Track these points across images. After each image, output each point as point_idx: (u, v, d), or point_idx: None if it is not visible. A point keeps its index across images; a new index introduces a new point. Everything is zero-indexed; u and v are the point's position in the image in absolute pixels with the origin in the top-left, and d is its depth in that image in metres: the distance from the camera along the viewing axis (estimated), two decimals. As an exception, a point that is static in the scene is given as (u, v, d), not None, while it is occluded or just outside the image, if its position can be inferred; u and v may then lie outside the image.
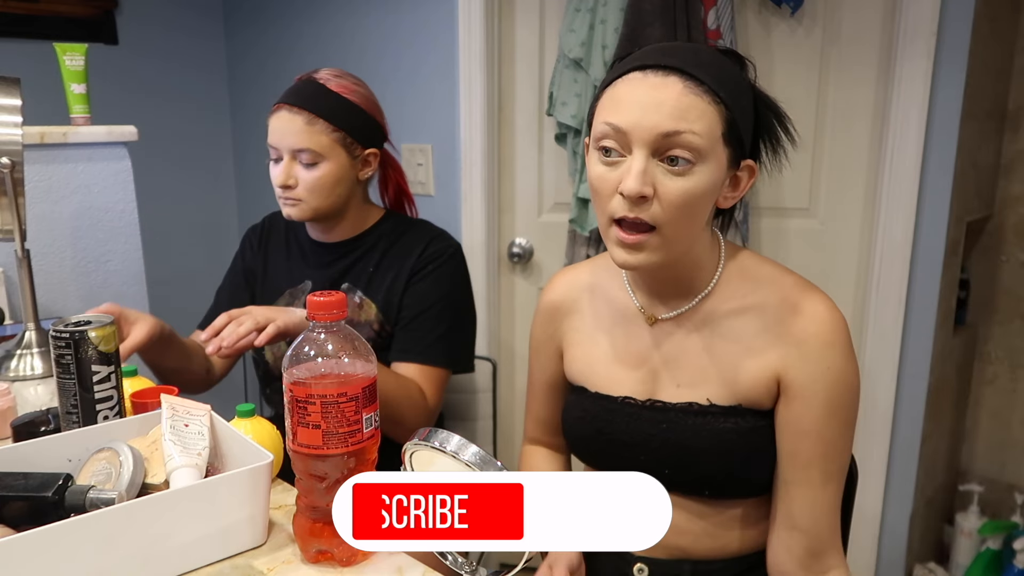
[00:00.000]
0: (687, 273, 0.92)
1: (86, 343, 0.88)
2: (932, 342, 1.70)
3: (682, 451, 0.91)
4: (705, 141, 0.81)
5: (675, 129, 0.80)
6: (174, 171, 2.60)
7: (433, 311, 1.36)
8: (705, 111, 0.81)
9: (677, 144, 0.81)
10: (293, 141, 1.31)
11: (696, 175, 0.82)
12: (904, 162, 1.64)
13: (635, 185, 0.80)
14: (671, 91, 0.81)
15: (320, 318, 0.75)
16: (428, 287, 1.37)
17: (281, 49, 2.49)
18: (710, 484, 0.92)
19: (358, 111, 1.34)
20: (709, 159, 0.82)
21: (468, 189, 2.02)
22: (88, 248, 1.60)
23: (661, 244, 0.84)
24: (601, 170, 0.85)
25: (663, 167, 0.82)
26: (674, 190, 0.81)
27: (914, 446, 1.75)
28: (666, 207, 0.82)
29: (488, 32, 1.93)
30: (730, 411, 0.90)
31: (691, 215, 0.84)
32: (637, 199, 0.81)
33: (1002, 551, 1.90)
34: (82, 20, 2.39)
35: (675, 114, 0.80)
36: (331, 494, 0.76)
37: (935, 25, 1.56)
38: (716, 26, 1.64)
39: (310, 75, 1.36)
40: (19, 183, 1.29)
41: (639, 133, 0.81)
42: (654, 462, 0.90)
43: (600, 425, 0.96)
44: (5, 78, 1.30)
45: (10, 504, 0.75)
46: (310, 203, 1.34)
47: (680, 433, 0.91)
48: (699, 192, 0.82)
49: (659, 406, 0.93)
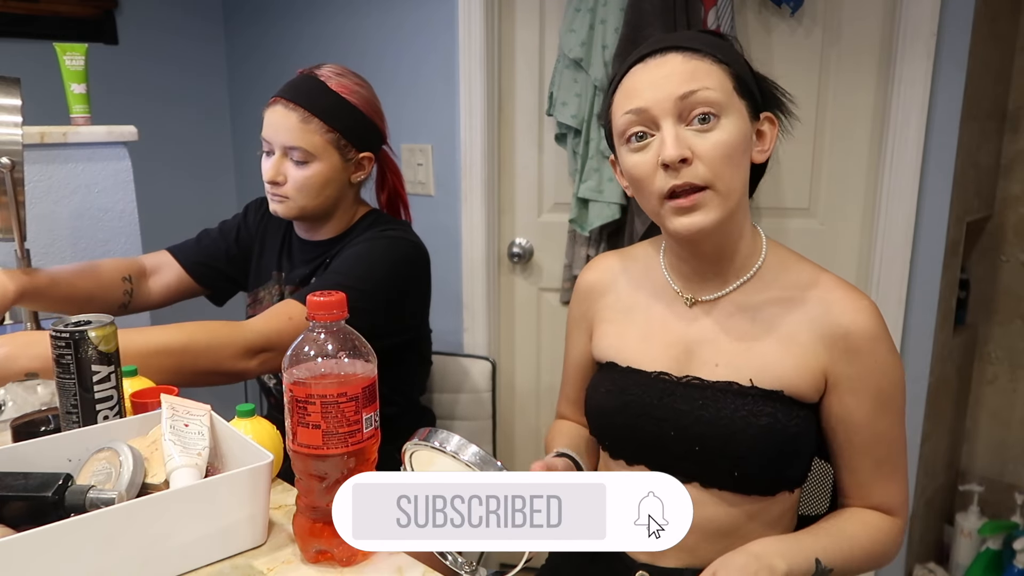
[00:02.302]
0: (730, 250, 0.93)
1: (86, 343, 0.88)
2: (932, 342, 1.69)
3: (716, 430, 0.90)
4: (720, 94, 0.86)
5: (690, 89, 0.85)
6: (174, 171, 2.61)
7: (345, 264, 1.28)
8: (711, 70, 0.86)
9: (697, 102, 0.85)
10: (286, 137, 1.28)
11: (724, 127, 0.85)
12: (904, 162, 1.64)
13: (673, 150, 0.84)
14: (674, 63, 0.87)
15: (320, 318, 0.75)
16: (356, 252, 1.30)
17: (281, 49, 2.49)
18: (737, 468, 0.90)
19: (356, 113, 1.32)
20: (730, 111, 0.86)
21: (468, 189, 2.02)
22: (88, 248, 1.60)
23: (716, 199, 0.86)
24: (636, 158, 0.88)
25: (692, 129, 0.85)
26: (709, 146, 0.85)
27: (914, 446, 1.75)
28: (709, 163, 0.85)
29: (488, 32, 1.93)
30: (771, 395, 0.90)
31: (732, 165, 0.86)
32: (679, 163, 0.84)
33: (1002, 551, 1.90)
34: (82, 20, 2.39)
35: (685, 77, 0.85)
36: (331, 494, 0.76)
37: (935, 26, 1.56)
38: (716, 26, 1.64)
39: (312, 70, 1.33)
40: (19, 183, 1.29)
41: (659, 106, 0.85)
42: (684, 440, 0.91)
43: (628, 399, 0.96)
44: (5, 78, 1.30)
45: (10, 504, 0.75)
46: (297, 201, 1.32)
47: (717, 411, 0.90)
48: (732, 142, 0.86)
49: (696, 383, 0.93)
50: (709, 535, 0.92)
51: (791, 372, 0.90)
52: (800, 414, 0.90)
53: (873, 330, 0.89)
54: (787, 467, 0.92)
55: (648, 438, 0.94)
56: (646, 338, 0.98)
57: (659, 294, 0.99)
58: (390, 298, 1.30)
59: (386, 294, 1.29)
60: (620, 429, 0.98)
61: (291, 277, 1.42)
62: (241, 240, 1.52)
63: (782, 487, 0.93)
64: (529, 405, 2.16)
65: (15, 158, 1.27)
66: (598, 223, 1.79)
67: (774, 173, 1.82)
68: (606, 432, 1.00)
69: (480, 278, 2.05)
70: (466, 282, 2.08)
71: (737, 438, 0.89)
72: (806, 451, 0.93)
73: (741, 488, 0.91)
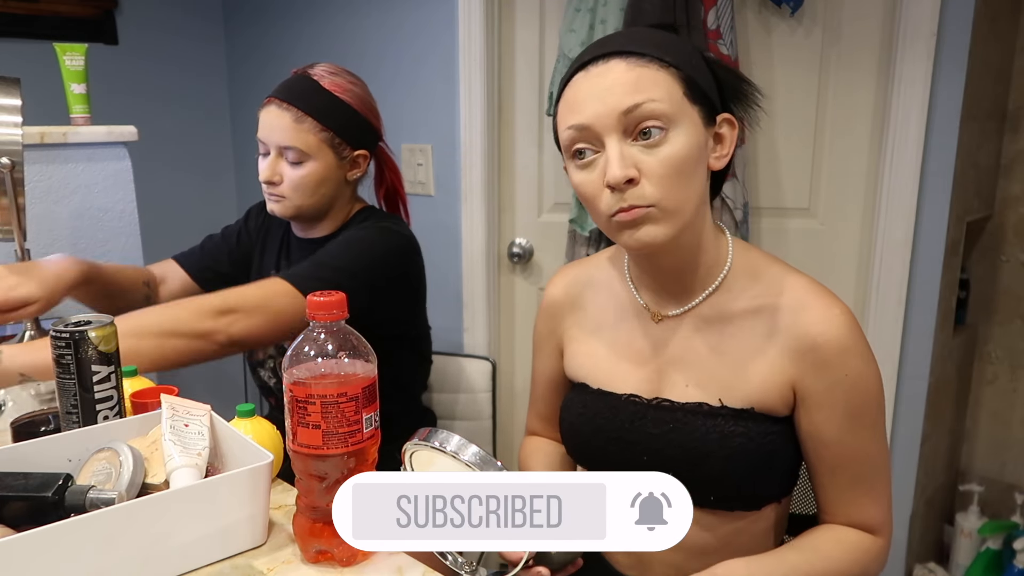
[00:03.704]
0: (692, 262, 0.89)
1: (86, 343, 0.88)
2: (932, 342, 1.69)
3: (688, 453, 0.87)
4: (668, 105, 0.80)
5: (634, 102, 0.79)
6: (174, 171, 2.61)
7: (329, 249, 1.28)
8: (656, 77, 0.80)
9: (642, 116, 0.79)
10: (280, 138, 1.29)
11: (672, 141, 0.80)
12: (904, 162, 1.64)
13: (618, 170, 0.79)
14: (616, 72, 0.80)
15: (320, 318, 0.75)
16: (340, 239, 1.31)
17: (281, 49, 2.49)
18: (715, 490, 0.88)
19: (350, 111, 1.32)
20: (680, 121, 0.80)
21: (468, 189, 2.02)
22: (88, 248, 1.60)
23: (663, 216, 0.81)
24: (581, 176, 0.84)
25: (638, 146, 0.80)
26: (656, 163, 0.80)
27: (914, 446, 1.75)
28: (656, 182, 0.80)
29: (488, 32, 1.93)
30: (742, 414, 0.87)
31: (683, 181, 0.81)
32: (624, 184, 0.79)
33: (1002, 551, 1.90)
34: (82, 20, 2.39)
35: (628, 89, 0.79)
36: (331, 494, 0.76)
37: (935, 25, 1.56)
38: (716, 26, 1.64)
39: (305, 70, 1.33)
40: (19, 183, 1.29)
41: (602, 121, 0.80)
42: (657, 464, 0.87)
43: (601, 423, 0.93)
44: (5, 78, 1.30)
45: (10, 504, 0.75)
46: (293, 201, 1.32)
47: (687, 434, 0.88)
48: (681, 156, 0.80)
49: (666, 405, 0.90)
50: (696, 553, 0.91)
51: (760, 388, 0.86)
52: (774, 430, 0.87)
53: (843, 341, 0.84)
54: (764, 484, 0.89)
55: (622, 462, 0.92)
56: (616, 358, 0.95)
57: (626, 309, 0.96)
58: (375, 284, 1.28)
59: (370, 279, 1.27)
60: (594, 452, 0.96)
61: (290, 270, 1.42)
62: (243, 243, 1.53)
63: (765, 502, 0.91)
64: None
65: (15, 158, 1.27)
66: (598, 223, 1.79)
67: (774, 173, 1.82)
68: (581, 454, 0.99)
69: (480, 278, 2.05)
70: (466, 282, 2.08)
71: (709, 461, 0.86)
72: (784, 465, 0.90)
73: (722, 507, 0.89)
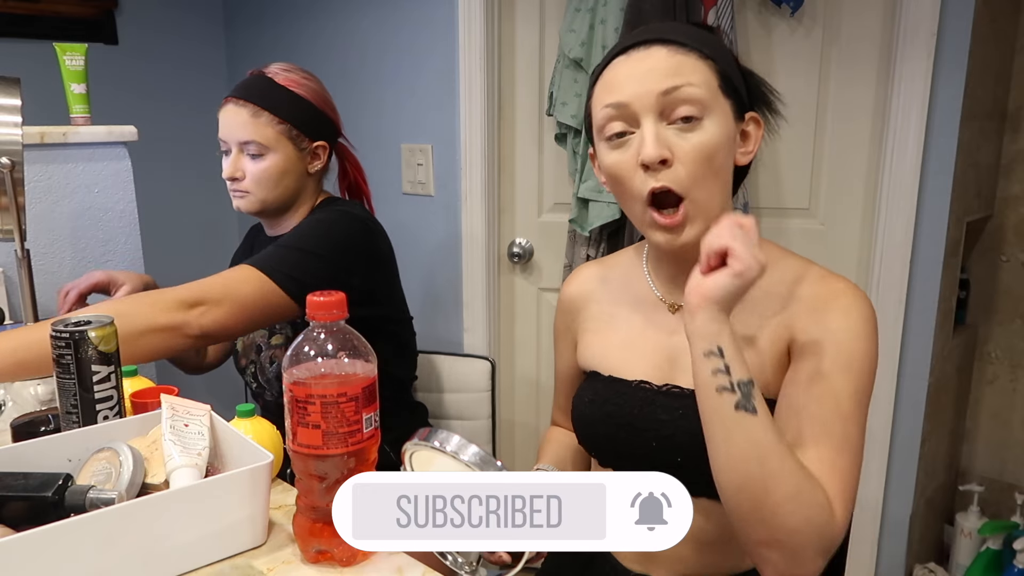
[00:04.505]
0: None
1: (86, 343, 0.88)
2: (932, 342, 1.69)
3: (696, 439, 0.86)
4: (705, 92, 0.82)
5: (673, 84, 0.81)
6: (174, 171, 2.61)
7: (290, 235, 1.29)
8: (696, 65, 0.83)
9: (680, 99, 0.81)
10: (239, 133, 1.33)
11: (706, 128, 0.82)
12: (904, 162, 1.64)
13: (653, 150, 0.80)
14: (657, 56, 0.83)
15: (320, 318, 0.75)
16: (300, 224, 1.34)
17: (281, 49, 2.49)
18: None
19: (304, 104, 1.36)
20: (714, 110, 0.83)
21: (468, 189, 2.02)
22: (88, 248, 1.60)
23: (696, 212, 0.83)
24: (615, 156, 0.85)
25: (673, 128, 0.82)
26: (690, 148, 0.81)
27: (914, 446, 1.75)
28: (688, 166, 0.82)
29: (488, 32, 1.93)
30: None
31: (714, 171, 0.83)
32: (658, 164, 0.81)
33: (1002, 551, 1.90)
34: (82, 20, 2.39)
35: (668, 72, 0.82)
36: (331, 494, 0.76)
37: (935, 25, 1.56)
38: (716, 26, 1.64)
39: (260, 69, 1.38)
40: (19, 183, 1.29)
41: (641, 101, 0.82)
42: (666, 450, 0.88)
43: (611, 409, 0.94)
44: (5, 78, 1.30)
45: (10, 504, 0.75)
46: (257, 195, 1.35)
47: (697, 421, 0.86)
48: (714, 144, 0.82)
49: (676, 391, 0.90)
50: (702, 544, 0.90)
51: (773, 376, 0.86)
52: None
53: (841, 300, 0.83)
54: None
55: (631, 448, 0.92)
56: (628, 346, 0.96)
57: (641, 302, 0.97)
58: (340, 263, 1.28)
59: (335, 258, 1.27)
60: (603, 439, 0.96)
61: None
62: None
63: None
64: (529, 405, 2.16)
65: (15, 158, 1.27)
66: (598, 223, 1.79)
67: (774, 173, 1.82)
68: (591, 442, 0.99)
69: (480, 278, 2.05)
70: (466, 282, 2.08)
71: None
72: None
73: None
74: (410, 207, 2.17)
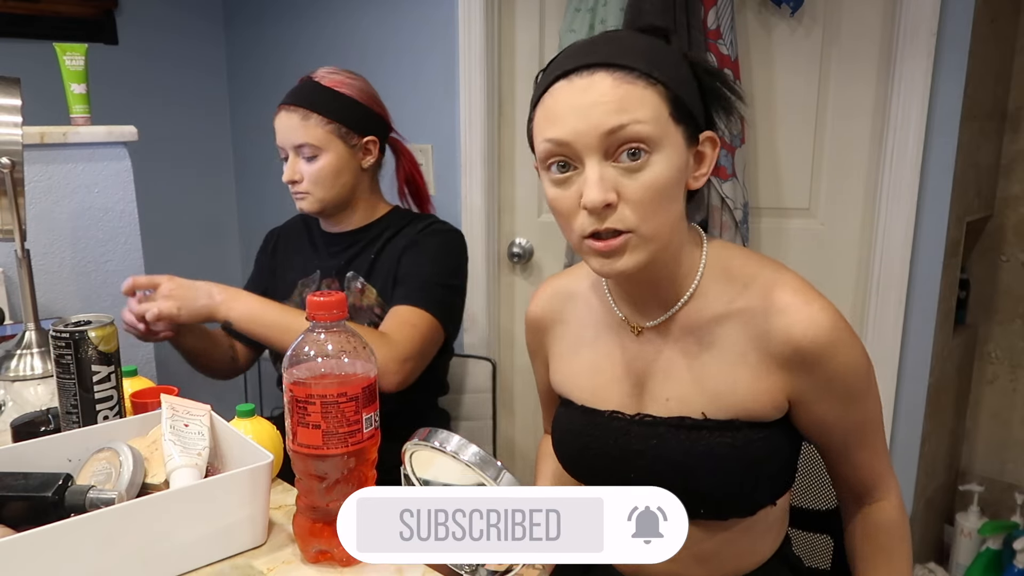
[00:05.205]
0: (667, 275, 0.86)
1: (86, 343, 0.88)
2: (932, 342, 1.69)
3: (674, 467, 0.86)
4: (653, 127, 0.76)
5: (618, 123, 0.75)
6: (174, 171, 2.61)
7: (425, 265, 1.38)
8: (644, 96, 0.76)
9: (626, 138, 0.75)
10: (292, 137, 1.38)
11: (656, 165, 0.76)
12: (904, 162, 1.64)
13: (597, 195, 0.75)
14: (601, 87, 0.76)
15: (320, 318, 0.75)
16: (422, 250, 1.40)
17: (281, 49, 2.49)
18: (704, 503, 0.86)
19: (351, 102, 1.40)
20: (664, 144, 0.77)
21: (468, 189, 2.02)
22: (88, 248, 1.60)
23: (640, 243, 0.78)
24: (557, 192, 0.80)
25: (620, 167, 0.76)
26: (638, 188, 0.76)
27: (914, 446, 1.75)
28: (635, 207, 0.76)
29: (488, 32, 1.93)
30: (726, 425, 0.84)
31: (663, 208, 0.78)
32: (602, 209, 0.76)
33: (1002, 551, 1.90)
34: (82, 20, 2.39)
35: (613, 108, 0.75)
36: (331, 494, 0.76)
37: (935, 25, 1.56)
38: (716, 26, 1.64)
39: (308, 75, 1.43)
40: (19, 183, 1.29)
41: (583, 140, 0.76)
42: (644, 480, 0.85)
43: (587, 441, 0.92)
44: (5, 78, 1.30)
45: (10, 504, 0.75)
46: (316, 194, 1.40)
47: (671, 449, 0.86)
48: (664, 181, 0.77)
49: (648, 420, 0.88)
50: (697, 559, 0.90)
51: (745, 397, 0.84)
52: (760, 436, 0.85)
53: (827, 338, 0.81)
54: (754, 491, 0.87)
55: (611, 478, 0.90)
56: (598, 372, 0.94)
57: (606, 323, 0.94)
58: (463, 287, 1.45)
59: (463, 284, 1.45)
60: (584, 470, 0.95)
61: (326, 269, 1.48)
62: (263, 268, 1.61)
63: (760, 506, 0.89)
64: (529, 405, 2.16)
65: (15, 158, 1.27)
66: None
67: (774, 173, 1.82)
68: (573, 471, 0.98)
69: (480, 278, 2.05)
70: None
71: (696, 475, 0.84)
72: (773, 469, 0.88)
73: (714, 518, 0.88)
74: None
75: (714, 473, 0.84)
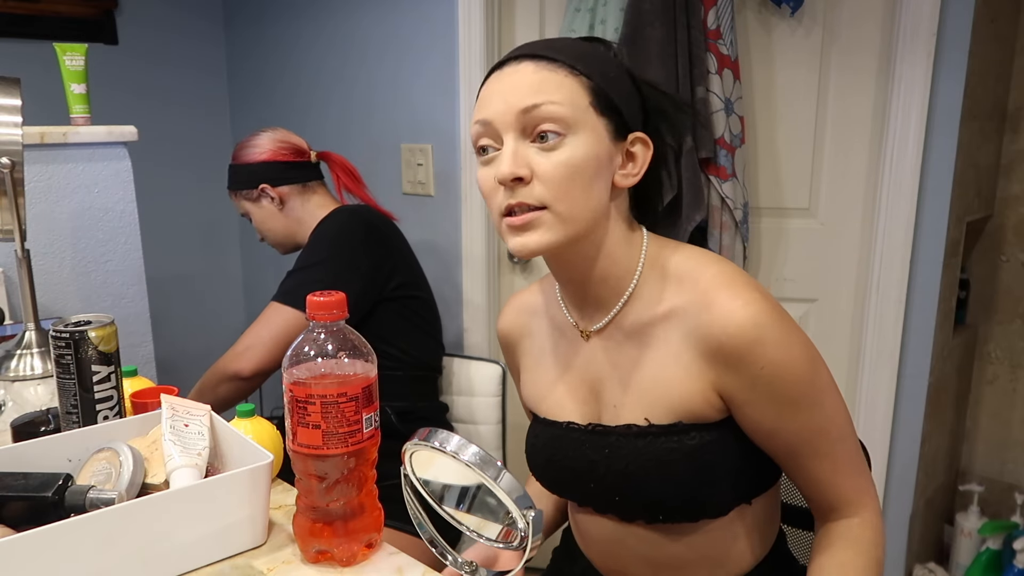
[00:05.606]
0: (601, 274, 0.86)
1: (86, 343, 0.88)
2: (932, 342, 1.69)
3: (627, 476, 0.85)
4: (568, 110, 0.79)
5: (533, 103, 0.78)
6: (174, 171, 2.61)
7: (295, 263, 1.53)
8: (562, 82, 0.80)
9: (540, 117, 0.78)
10: None
11: (569, 146, 0.79)
12: (904, 162, 1.64)
13: (507, 167, 0.78)
14: (523, 73, 0.80)
15: (320, 318, 0.75)
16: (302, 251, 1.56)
17: (281, 49, 2.49)
18: (662, 510, 0.85)
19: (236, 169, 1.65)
20: (580, 129, 0.79)
21: (468, 189, 2.02)
22: (88, 248, 1.60)
23: (555, 221, 0.79)
24: (482, 172, 0.83)
25: (535, 147, 0.79)
26: (550, 166, 0.79)
27: (914, 446, 1.75)
28: (547, 183, 0.79)
29: (488, 32, 1.93)
30: (670, 429, 0.83)
31: (576, 188, 0.79)
32: (513, 181, 0.79)
33: (1002, 551, 1.90)
34: (82, 20, 2.39)
35: (531, 89, 0.79)
36: (331, 494, 0.76)
37: (935, 25, 1.56)
38: (716, 26, 1.64)
39: None
40: (19, 183, 1.29)
41: (502, 119, 0.80)
42: (603, 490, 0.87)
43: (550, 453, 0.92)
44: (5, 78, 1.30)
45: (10, 504, 0.75)
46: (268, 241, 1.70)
47: (623, 458, 0.85)
48: (576, 163, 0.79)
49: (600, 430, 0.88)
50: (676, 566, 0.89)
51: (682, 397, 0.82)
52: (708, 438, 0.82)
53: (749, 335, 0.78)
54: (714, 494, 0.85)
55: (578, 490, 0.91)
56: (557, 383, 0.94)
57: (562, 330, 0.94)
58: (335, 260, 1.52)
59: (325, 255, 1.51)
60: (551, 483, 0.95)
61: None
62: None
63: (728, 507, 0.86)
64: (529, 405, 2.16)
65: (15, 158, 1.27)
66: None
67: (774, 173, 1.82)
68: (545, 484, 0.97)
69: (480, 278, 2.05)
70: (466, 282, 2.08)
71: (648, 482, 0.83)
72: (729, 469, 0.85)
73: (680, 521, 0.86)
74: (410, 207, 2.17)
75: (664, 478, 0.83)
